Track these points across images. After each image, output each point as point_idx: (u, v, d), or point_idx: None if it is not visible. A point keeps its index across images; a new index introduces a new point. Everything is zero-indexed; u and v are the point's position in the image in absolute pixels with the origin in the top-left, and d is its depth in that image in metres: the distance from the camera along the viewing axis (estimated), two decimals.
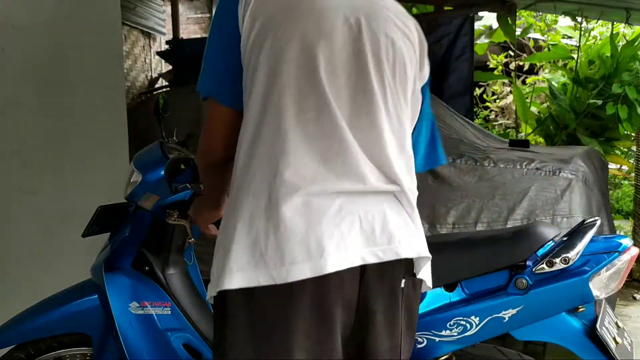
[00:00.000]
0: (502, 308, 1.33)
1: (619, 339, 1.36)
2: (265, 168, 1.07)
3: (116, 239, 1.87)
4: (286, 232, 1.02)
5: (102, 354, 1.87)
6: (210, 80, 1.23)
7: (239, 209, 1.07)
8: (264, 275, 1.02)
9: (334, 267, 1.02)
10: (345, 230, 1.05)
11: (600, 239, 1.40)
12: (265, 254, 1.02)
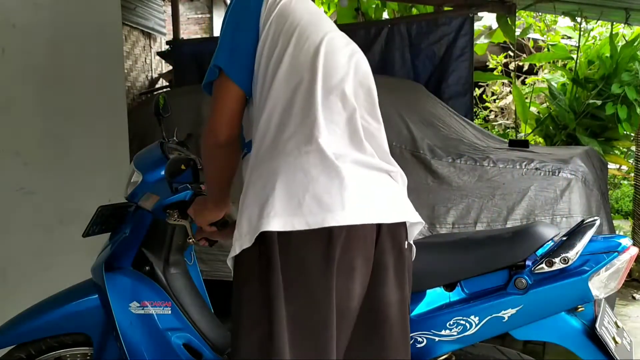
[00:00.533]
0: (501, 308, 1.34)
1: (618, 339, 1.36)
2: (299, 135, 1.24)
3: (116, 239, 1.87)
4: (323, 185, 1.19)
5: (102, 354, 1.88)
6: (226, 55, 1.35)
7: (271, 169, 1.23)
8: (300, 221, 1.16)
9: (361, 219, 1.20)
10: (370, 192, 1.25)
11: (599, 238, 1.39)
12: (303, 203, 1.17)
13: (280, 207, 1.18)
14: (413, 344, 1.39)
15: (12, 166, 2.64)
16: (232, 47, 1.35)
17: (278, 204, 1.18)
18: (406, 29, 4.81)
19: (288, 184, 1.20)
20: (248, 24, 1.35)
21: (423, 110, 3.59)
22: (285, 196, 1.18)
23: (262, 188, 1.22)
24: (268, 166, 1.25)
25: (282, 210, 1.17)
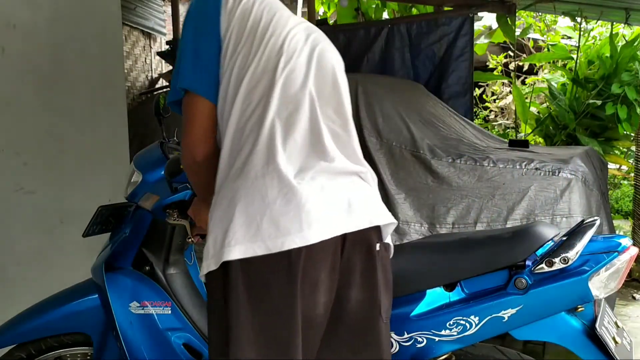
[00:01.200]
0: (501, 308, 1.33)
1: (618, 339, 1.36)
2: (255, 156, 1.24)
3: (116, 239, 1.87)
4: (280, 208, 1.19)
5: (102, 354, 1.88)
6: (190, 73, 1.32)
7: (233, 191, 1.23)
8: (261, 246, 1.18)
9: (321, 236, 1.20)
10: (333, 203, 1.24)
11: (599, 238, 1.39)
12: (262, 227, 1.18)
13: (240, 234, 1.19)
14: (413, 344, 1.39)
15: (12, 166, 2.64)
16: (196, 62, 1.32)
17: (239, 231, 1.19)
18: (406, 29, 4.81)
19: (247, 208, 1.20)
20: (209, 34, 1.32)
21: (423, 110, 3.59)
22: (245, 222, 1.19)
23: (224, 212, 1.23)
24: (230, 188, 1.25)
25: (243, 237, 1.19)
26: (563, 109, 5.57)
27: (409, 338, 1.39)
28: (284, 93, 1.28)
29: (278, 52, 1.30)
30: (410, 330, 1.39)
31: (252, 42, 1.31)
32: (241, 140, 1.27)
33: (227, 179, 1.27)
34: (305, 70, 1.33)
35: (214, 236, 1.23)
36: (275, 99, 1.27)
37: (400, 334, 1.40)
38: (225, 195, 1.25)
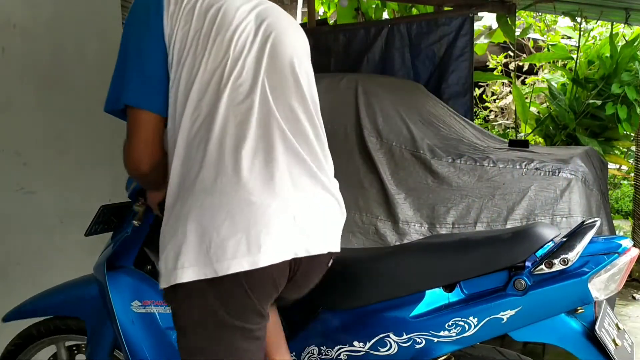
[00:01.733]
0: (500, 309, 1.33)
1: (618, 341, 1.34)
2: (204, 172, 1.18)
3: (118, 238, 1.87)
4: (228, 230, 1.14)
5: (94, 342, 1.92)
6: (140, 88, 1.25)
7: (185, 208, 1.19)
8: (210, 270, 1.15)
9: (268, 261, 1.15)
10: (281, 228, 1.18)
11: (600, 240, 1.38)
12: (210, 250, 1.14)
13: (192, 257, 1.15)
14: (412, 345, 1.39)
15: (12, 166, 2.64)
16: (141, 75, 1.25)
17: (191, 253, 1.15)
18: (406, 29, 4.81)
19: (197, 228, 1.16)
20: (152, 42, 1.25)
21: (423, 110, 3.59)
22: (196, 243, 1.15)
23: (175, 230, 1.19)
24: (181, 206, 1.20)
25: (195, 260, 1.15)
26: (563, 109, 5.57)
27: (408, 339, 1.39)
28: (232, 102, 1.21)
29: (224, 57, 1.23)
30: (409, 331, 1.39)
31: (196, 47, 1.24)
32: (191, 154, 1.21)
33: (179, 196, 1.21)
34: (253, 71, 1.25)
35: (165, 255, 1.20)
36: (222, 109, 1.20)
37: (399, 335, 1.40)
38: (177, 213, 1.20)
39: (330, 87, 3.31)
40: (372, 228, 3.13)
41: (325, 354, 1.48)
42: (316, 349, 1.50)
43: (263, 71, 1.26)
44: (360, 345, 1.44)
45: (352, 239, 3.09)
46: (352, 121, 3.20)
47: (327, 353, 1.48)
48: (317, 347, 1.50)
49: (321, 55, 4.83)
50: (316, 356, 1.50)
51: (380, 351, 1.41)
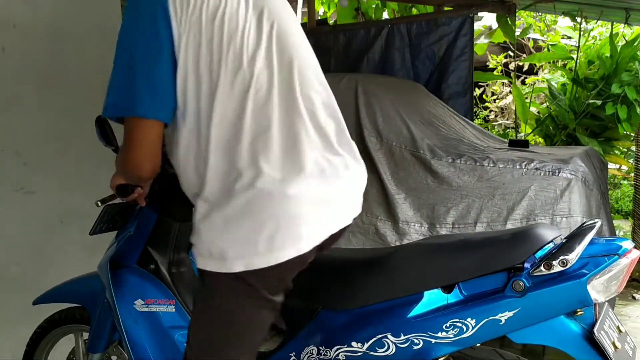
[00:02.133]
0: (498, 310, 1.32)
1: (618, 344, 1.33)
2: (249, 177, 1.23)
3: (122, 237, 1.88)
4: (272, 225, 1.22)
5: (96, 333, 1.96)
6: (152, 99, 1.24)
7: (230, 207, 1.23)
8: (261, 260, 1.22)
9: (307, 248, 1.25)
10: (316, 215, 1.27)
11: (600, 241, 1.36)
12: (258, 243, 1.22)
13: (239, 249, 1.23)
14: (409, 346, 1.39)
15: (12, 166, 2.64)
16: (150, 86, 1.23)
17: (236, 246, 1.23)
18: (406, 29, 4.81)
19: (243, 225, 1.23)
20: (161, 49, 1.23)
21: (423, 110, 3.59)
22: (243, 237, 1.23)
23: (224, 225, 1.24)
24: (228, 206, 1.24)
25: (242, 251, 1.23)
26: (563, 109, 5.57)
27: (406, 340, 1.39)
28: (255, 106, 1.25)
29: (240, 64, 1.25)
30: (407, 332, 1.38)
31: (211, 57, 1.24)
32: (227, 159, 1.25)
33: (223, 198, 1.25)
34: (267, 72, 1.28)
35: (209, 247, 1.26)
36: (248, 115, 1.24)
37: (396, 336, 1.39)
38: (226, 213, 1.24)
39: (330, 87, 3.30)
40: (372, 228, 3.13)
41: (324, 354, 1.48)
42: (315, 349, 1.50)
43: (276, 70, 1.29)
44: (359, 345, 1.43)
45: (352, 239, 3.10)
46: (352, 121, 3.20)
47: (325, 353, 1.48)
48: (316, 347, 1.50)
49: (321, 55, 4.80)
50: (315, 356, 1.50)
51: (378, 352, 1.41)
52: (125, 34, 1.26)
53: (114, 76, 1.27)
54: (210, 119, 1.24)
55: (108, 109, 1.28)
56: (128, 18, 1.26)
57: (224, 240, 1.24)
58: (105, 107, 1.28)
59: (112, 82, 1.27)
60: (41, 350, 2.25)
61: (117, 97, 1.26)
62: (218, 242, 1.25)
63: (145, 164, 1.29)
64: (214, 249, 1.25)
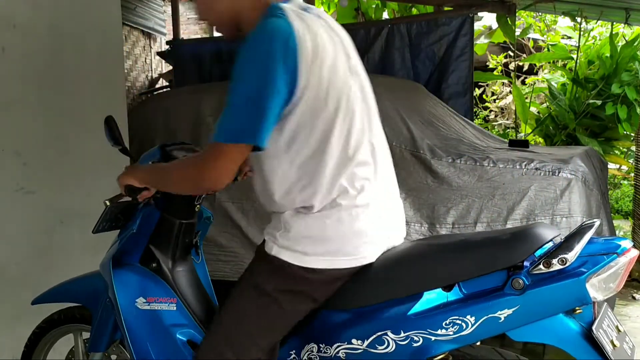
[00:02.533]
0: (497, 308, 1.32)
1: (617, 342, 1.32)
2: (352, 188, 1.43)
3: (124, 235, 1.88)
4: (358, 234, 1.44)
5: (98, 333, 1.97)
6: (262, 129, 1.34)
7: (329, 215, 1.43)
8: (346, 263, 1.44)
9: (374, 257, 1.47)
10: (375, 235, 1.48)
11: (599, 240, 1.36)
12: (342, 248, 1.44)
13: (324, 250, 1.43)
14: (409, 343, 1.39)
15: (12, 166, 2.64)
16: (263, 118, 1.32)
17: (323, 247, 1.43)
18: (406, 29, 4.81)
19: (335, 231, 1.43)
20: (281, 87, 1.32)
21: (423, 110, 3.59)
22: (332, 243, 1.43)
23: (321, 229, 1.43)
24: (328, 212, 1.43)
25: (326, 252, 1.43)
26: (563, 109, 5.57)
27: (406, 337, 1.39)
28: (356, 144, 1.44)
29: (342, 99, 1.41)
30: (407, 329, 1.39)
31: (326, 103, 1.38)
32: (338, 178, 1.42)
33: (326, 206, 1.43)
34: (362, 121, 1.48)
35: (304, 244, 1.43)
36: (352, 150, 1.43)
37: (396, 333, 1.40)
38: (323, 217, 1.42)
39: None
40: None
41: (325, 352, 1.48)
42: (315, 346, 1.50)
43: (365, 119, 1.50)
44: (359, 343, 1.44)
45: None
46: None
47: (326, 351, 1.48)
48: (316, 345, 1.50)
49: None
50: (315, 354, 1.50)
51: (378, 349, 1.41)
52: (254, 66, 1.33)
53: (235, 104, 1.34)
54: (324, 153, 1.40)
55: (222, 134, 1.36)
56: (258, 51, 1.33)
57: (316, 240, 1.43)
58: (220, 132, 1.36)
59: (232, 109, 1.35)
60: (40, 350, 2.25)
61: (237, 125, 1.35)
62: (308, 240, 1.43)
63: (225, 181, 1.41)
64: (301, 245, 1.43)
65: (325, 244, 1.42)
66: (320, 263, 1.42)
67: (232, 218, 3.48)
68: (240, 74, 1.34)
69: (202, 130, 3.75)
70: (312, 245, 1.43)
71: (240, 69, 1.34)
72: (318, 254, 1.42)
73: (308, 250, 1.43)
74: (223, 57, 5.23)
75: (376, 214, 1.46)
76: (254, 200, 3.50)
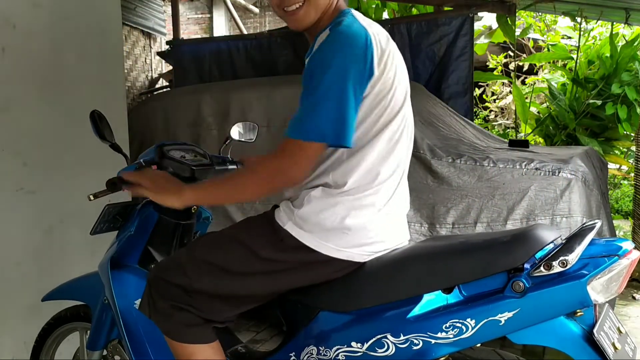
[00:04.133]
0: (498, 311, 1.31)
1: (618, 345, 1.31)
2: (378, 181, 1.49)
3: (122, 236, 1.88)
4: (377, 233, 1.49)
5: (97, 329, 1.97)
6: (349, 130, 1.36)
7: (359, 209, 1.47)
8: (359, 256, 1.47)
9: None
10: (395, 231, 1.57)
11: (600, 242, 1.35)
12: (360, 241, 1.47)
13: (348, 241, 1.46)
14: (409, 346, 1.38)
15: (12, 166, 2.64)
16: (353, 118, 1.37)
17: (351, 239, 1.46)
18: (406, 29, 4.81)
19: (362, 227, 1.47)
20: (365, 86, 1.39)
21: (423, 110, 3.59)
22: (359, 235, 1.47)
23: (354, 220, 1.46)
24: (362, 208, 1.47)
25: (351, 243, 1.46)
26: (563, 109, 5.57)
27: (405, 340, 1.38)
28: (401, 147, 1.57)
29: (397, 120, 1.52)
30: (407, 332, 1.38)
31: (392, 95, 1.48)
32: (373, 171, 1.48)
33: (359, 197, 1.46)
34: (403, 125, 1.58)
35: (326, 231, 1.45)
36: (397, 149, 1.54)
37: (396, 336, 1.39)
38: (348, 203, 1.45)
39: None
40: None
41: (324, 354, 1.48)
42: (315, 349, 1.50)
43: (404, 124, 1.60)
44: (358, 346, 1.43)
45: None
46: None
47: (325, 353, 1.47)
48: (315, 347, 1.49)
49: None
50: (315, 356, 1.49)
51: (378, 352, 1.41)
52: (338, 67, 1.35)
53: (323, 104, 1.35)
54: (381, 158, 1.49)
55: (310, 133, 1.36)
56: (342, 54, 1.36)
57: (336, 229, 1.44)
58: (304, 130, 1.36)
59: (319, 109, 1.35)
60: (48, 347, 2.27)
61: (325, 125, 1.35)
62: (329, 229, 1.44)
63: (304, 178, 1.45)
64: (319, 231, 1.45)
65: (344, 236, 1.44)
66: (336, 253, 1.45)
67: (231, 218, 3.48)
68: (321, 73, 1.35)
69: (202, 130, 3.75)
70: (332, 234, 1.44)
71: (326, 67, 1.35)
72: (336, 244, 1.44)
73: (329, 238, 1.44)
74: (223, 57, 5.23)
75: (396, 212, 1.55)
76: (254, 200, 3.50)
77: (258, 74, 4.97)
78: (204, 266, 1.52)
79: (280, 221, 1.49)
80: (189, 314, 1.53)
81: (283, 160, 1.39)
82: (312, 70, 1.37)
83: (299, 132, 1.36)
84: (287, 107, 3.53)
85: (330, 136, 1.35)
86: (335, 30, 1.39)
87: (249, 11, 10.70)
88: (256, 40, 5.27)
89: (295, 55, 5.04)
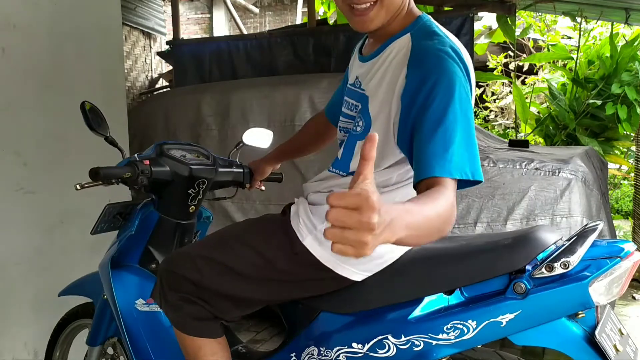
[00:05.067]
0: (499, 312, 1.31)
1: (620, 347, 1.31)
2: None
3: (123, 236, 1.88)
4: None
5: (98, 324, 1.99)
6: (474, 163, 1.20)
7: None
8: (371, 272, 1.45)
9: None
10: None
11: (602, 243, 1.35)
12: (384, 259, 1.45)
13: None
14: (410, 347, 1.38)
15: (12, 166, 2.64)
16: (472, 152, 1.20)
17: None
18: None
19: None
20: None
21: None
22: None
23: None
24: None
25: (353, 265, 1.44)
26: (563, 109, 5.56)
27: (406, 341, 1.38)
28: None
29: None
30: (408, 333, 1.38)
31: None
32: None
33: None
34: None
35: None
36: None
37: (397, 337, 1.39)
38: None
39: (331, 87, 3.31)
40: None
41: (325, 355, 1.48)
42: (315, 349, 1.50)
43: None
44: (359, 346, 1.43)
45: None
46: None
47: (326, 354, 1.47)
48: (316, 348, 1.49)
49: (321, 55, 4.83)
50: (316, 357, 1.49)
51: (379, 353, 1.41)
52: (465, 102, 1.23)
53: (466, 142, 1.19)
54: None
55: (459, 171, 1.16)
56: (459, 79, 1.23)
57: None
58: (456, 168, 1.16)
59: (466, 148, 1.19)
60: (60, 344, 2.30)
61: (472, 163, 1.18)
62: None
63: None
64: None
65: (366, 260, 1.39)
66: (353, 275, 1.43)
67: (232, 218, 3.48)
68: (460, 110, 1.21)
69: (202, 130, 3.75)
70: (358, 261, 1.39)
71: (459, 104, 1.21)
72: (357, 268, 1.42)
73: (349, 260, 1.38)
74: (223, 57, 5.23)
75: None
76: (254, 200, 3.50)
77: (258, 74, 4.97)
78: (216, 266, 1.52)
79: (298, 233, 1.45)
80: (198, 307, 1.54)
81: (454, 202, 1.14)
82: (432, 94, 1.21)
83: (455, 171, 1.15)
84: (287, 107, 3.53)
85: (469, 173, 1.17)
86: (443, 51, 1.26)
87: (249, 11, 10.70)
88: (256, 40, 5.26)
89: (295, 55, 5.03)
